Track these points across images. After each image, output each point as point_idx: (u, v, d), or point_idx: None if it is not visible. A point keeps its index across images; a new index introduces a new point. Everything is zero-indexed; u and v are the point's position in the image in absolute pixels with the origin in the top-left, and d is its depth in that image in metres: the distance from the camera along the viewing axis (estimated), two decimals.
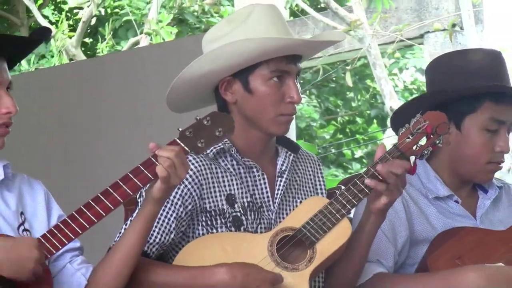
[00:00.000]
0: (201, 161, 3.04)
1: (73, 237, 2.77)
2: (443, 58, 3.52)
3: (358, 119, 13.84)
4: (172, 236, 3.00)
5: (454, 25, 8.26)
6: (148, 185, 2.81)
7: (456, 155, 3.30)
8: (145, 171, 2.79)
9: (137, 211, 2.91)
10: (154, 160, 2.78)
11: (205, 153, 3.00)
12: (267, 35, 3.03)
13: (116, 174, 2.83)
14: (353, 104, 13.61)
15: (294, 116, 3.14)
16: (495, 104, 3.31)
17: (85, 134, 5.82)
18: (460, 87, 3.31)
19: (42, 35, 3.01)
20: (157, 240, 2.99)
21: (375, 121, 13.09)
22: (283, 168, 3.16)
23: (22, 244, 2.68)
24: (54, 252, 2.77)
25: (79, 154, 5.77)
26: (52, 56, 11.19)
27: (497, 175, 3.44)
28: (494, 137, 3.31)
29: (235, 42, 3.03)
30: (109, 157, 5.52)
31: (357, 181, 3.03)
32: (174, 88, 3.13)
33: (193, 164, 3.02)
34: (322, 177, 3.29)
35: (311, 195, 3.23)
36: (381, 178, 3.00)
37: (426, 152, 3.09)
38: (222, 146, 3.07)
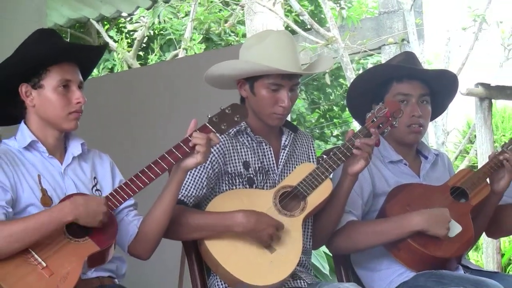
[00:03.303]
0: (225, 138, 3.04)
1: (127, 198, 2.77)
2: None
3: (335, 108, 13.85)
4: (204, 191, 3.00)
5: (403, 40, 8.24)
6: None
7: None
8: (184, 146, 2.80)
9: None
10: (190, 139, 2.78)
11: (227, 133, 2.98)
12: (270, 58, 2.96)
13: (159, 150, 2.82)
14: (331, 97, 13.62)
15: (286, 113, 3.06)
16: (400, 83, 3.27)
17: (138, 121, 5.78)
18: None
19: (99, 46, 3.08)
20: (193, 193, 2.98)
21: (347, 109, 13.08)
22: (286, 143, 3.15)
23: (94, 202, 2.68)
24: (114, 208, 2.77)
25: (134, 136, 5.74)
26: (115, 66, 11.25)
27: (435, 147, 3.40)
28: (407, 107, 3.24)
29: (237, 61, 3.03)
30: (154, 139, 5.48)
31: (337, 151, 3.02)
32: (208, 76, 3.11)
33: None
34: (314, 150, 3.26)
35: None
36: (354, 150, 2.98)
37: (386, 131, 3.07)
38: (239, 128, 3.06)
